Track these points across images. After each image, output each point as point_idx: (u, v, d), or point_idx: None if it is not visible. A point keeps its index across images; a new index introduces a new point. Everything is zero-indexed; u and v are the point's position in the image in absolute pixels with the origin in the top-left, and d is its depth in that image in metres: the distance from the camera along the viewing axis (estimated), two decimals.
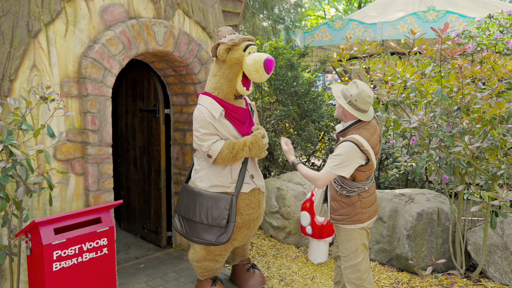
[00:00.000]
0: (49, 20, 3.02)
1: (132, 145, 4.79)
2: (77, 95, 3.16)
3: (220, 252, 3.35)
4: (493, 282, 3.85)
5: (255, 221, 3.38)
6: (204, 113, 3.10)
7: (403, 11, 9.41)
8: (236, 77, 3.15)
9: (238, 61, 3.10)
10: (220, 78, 3.18)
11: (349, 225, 2.86)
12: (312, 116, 6.14)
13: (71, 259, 2.78)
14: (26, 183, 2.48)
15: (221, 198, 3.17)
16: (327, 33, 10.05)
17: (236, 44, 3.10)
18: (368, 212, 2.87)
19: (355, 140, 2.70)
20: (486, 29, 4.98)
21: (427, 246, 3.99)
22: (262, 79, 3.12)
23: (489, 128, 3.37)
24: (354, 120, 2.82)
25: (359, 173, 2.81)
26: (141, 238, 4.83)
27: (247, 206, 3.27)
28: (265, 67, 3.04)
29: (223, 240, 3.15)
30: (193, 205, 3.25)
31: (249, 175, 3.30)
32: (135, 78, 4.58)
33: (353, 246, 2.89)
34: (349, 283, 2.94)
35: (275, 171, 6.41)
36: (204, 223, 3.20)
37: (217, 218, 3.15)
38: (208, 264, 3.39)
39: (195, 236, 3.26)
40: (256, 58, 3.05)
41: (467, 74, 3.32)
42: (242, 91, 3.20)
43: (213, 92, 3.20)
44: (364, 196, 2.86)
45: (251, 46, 3.14)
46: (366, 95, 2.73)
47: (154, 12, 3.62)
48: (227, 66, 3.14)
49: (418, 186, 5.63)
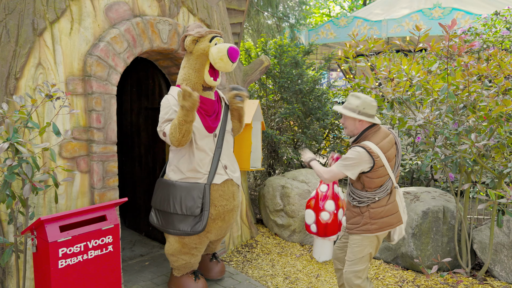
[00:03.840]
0: (54, 18, 3.03)
1: (137, 142, 4.80)
2: (82, 93, 3.17)
3: (195, 245, 3.39)
4: (499, 281, 3.82)
5: (230, 213, 3.42)
6: (170, 100, 3.22)
7: (409, 8, 9.36)
8: (203, 67, 3.26)
9: (204, 51, 3.21)
10: (188, 69, 3.29)
11: (359, 234, 2.88)
12: (316, 114, 6.13)
13: (76, 256, 2.79)
14: (32, 180, 2.49)
15: (194, 187, 3.24)
16: (332, 31, 10.01)
17: (203, 36, 3.23)
18: (378, 223, 2.83)
19: (364, 145, 2.77)
20: (493, 26, 4.93)
21: (433, 244, 3.97)
22: (227, 68, 3.21)
23: (496, 126, 3.35)
24: (364, 129, 2.87)
25: (367, 180, 2.80)
26: (146, 235, 4.84)
27: (221, 197, 3.33)
28: (229, 55, 3.14)
29: (198, 229, 3.22)
30: (167, 197, 3.31)
31: (222, 166, 3.36)
32: (140, 76, 4.58)
33: (360, 252, 2.90)
34: (349, 287, 2.97)
35: (279, 169, 6.40)
36: (179, 213, 3.27)
37: (191, 207, 3.22)
38: (184, 257, 3.43)
39: (171, 228, 3.32)
40: (220, 47, 3.16)
41: (473, 71, 3.30)
42: (210, 82, 3.28)
43: (182, 83, 3.32)
44: (373, 207, 2.83)
45: (217, 38, 3.25)
46: (370, 101, 2.84)
47: (159, 10, 3.62)
48: (194, 57, 3.26)
49: (424, 185, 5.60)
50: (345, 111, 2.85)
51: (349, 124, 2.90)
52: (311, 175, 4.98)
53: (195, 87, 3.28)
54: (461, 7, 8.55)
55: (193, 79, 3.28)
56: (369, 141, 2.79)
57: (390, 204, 2.86)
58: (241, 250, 4.52)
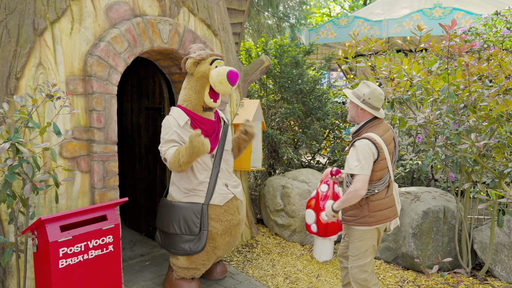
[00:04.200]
0: (55, 18, 3.03)
1: (138, 143, 4.80)
2: (83, 93, 3.17)
3: (203, 261, 3.45)
4: (499, 281, 3.82)
5: (236, 228, 3.47)
6: (171, 121, 3.26)
7: (409, 8, 9.35)
8: (203, 89, 3.33)
9: (204, 73, 3.29)
10: (189, 90, 3.37)
11: (358, 226, 2.88)
12: (317, 114, 6.13)
13: (77, 256, 2.79)
14: (32, 180, 2.50)
15: (192, 207, 3.30)
16: (332, 31, 10.00)
17: (204, 59, 3.31)
18: (377, 216, 2.85)
19: (368, 137, 2.77)
20: (493, 26, 4.93)
21: (433, 244, 3.97)
22: (226, 90, 3.27)
23: (496, 126, 3.34)
24: (367, 120, 2.87)
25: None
26: (147, 235, 4.84)
27: (226, 212, 3.38)
28: (228, 79, 3.21)
29: (198, 248, 3.28)
30: (167, 217, 3.38)
31: (223, 184, 3.40)
32: (140, 76, 4.58)
33: (363, 246, 2.90)
34: (355, 283, 2.95)
35: (279, 169, 6.40)
36: (178, 233, 3.33)
37: (190, 227, 3.28)
38: (189, 271, 3.48)
39: (172, 247, 3.39)
40: (220, 70, 3.24)
41: (474, 71, 3.29)
42: (210, 103, 3.35)
43: (182, 103, 3.39)
44: (372, 199, 2.84)
45: (217, 61, 3.33)
46: (379, 93, 2.82)
47: (159, 9, 3.62)
48: (194, 79, 3.33)
49: (424, 184, 5.60)
50: (351, 96, 2.87)
51: (351, 109, 2.93)
52: (312, 175, 4.98)
53: (195, 108, 3.34)
54: (461, 7, 8.54)
55: (194, 100, 3.33)
56: (372, 132, 2.80)
57: (388, 197, 2.89)
58: (241, 250, 4.52)
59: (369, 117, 2.86)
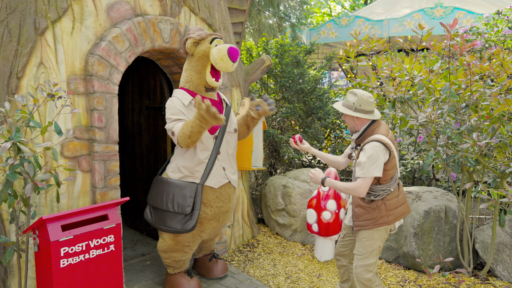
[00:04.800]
0: (56, 18, 3.03)
1: (139, 142, 4.80)
2: (84, 93, 3.17)
3: (188, 243, 3.43)
4: (501, 281, 3.82)
5: (225, 215, 3.48)
6: (175, 101, 3.25)
7: (410, 8, 9.33)
8: (204, 68, 3.30)
9: (205, 52, 3.27)
10: (190, 71, 3.34)
11: (375, 228, 2.87)
12: (318, 113, 6.12)
13: (78, 255, 2.79)
14: (33, 180, 2.49)
15: (187, 186, 3.29)
16: (333, 30, 9.99)
17: (203, 38, 3.29)
18: (394, 214, 2.88)
19: (377, 138, 2.78)
20: (495, 26, 4.92)
21: (435, 244, 3.96)
22: (228, 67, 3.26)
23: (498, 125, 3.34)
24: (366, 125, 2.89)
25: (383, 173, 2.81)
26: (148, 235, 4.84)
27: (217, 199, 3.37)
28: (229, 55, 3.19)
29: (188, 227, 3.26)
30: (161, 194, 3.36)
31: (220, 167, 3.37)
32: (141, 76, 4.58)
33: (371, 246, 2.90)
34: (359, 283, 2.94)
35: (280, 168, 6.40)
36: (170, 210, 3.31)
37: (182, 205, 3.26)
38: (176, 255, 3.46)
39: (162, 224, 3.37)
40: (220, 47, 3.22)
41: (476, 70, 3.29)
42: (212, 82, 3.33)
43: (184, 85, 3.36)
44: (388, 199, 2.86)
45: (217, 39, 3.32)
46: (367, 97, 2.85)
47: (160, 9, 3.61)
48: (195, 59, 3.31)
49: (425, 184, 5.59)
50: (343, 109, 2.89)
51: (349, 121, 2.95)
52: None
53: (198, 88, 3.32)
54: (462, 7, 8.52)
55: (195, 80, 3.32)
56: (377, 134, 2.81)
57: (401, 194, 2.95)
58: (242, 249, 4.52)
59: (367, 122, 2.90)
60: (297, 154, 6.10)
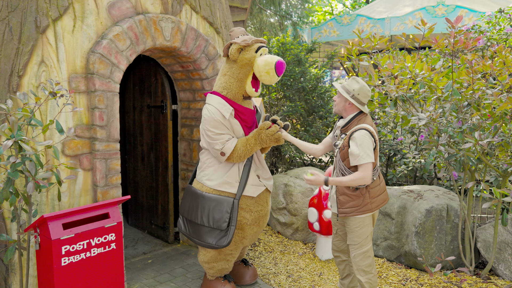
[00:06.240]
0: (57, 16, 3.02)
1: (140, 141, 4.80)
2: (85, 91, 3.17)
3: (231, 251, 3.36)
4: (503, 280, 3.81)
5: (264, 218, 3.42)
6: (214, 113, 3.10)
7: (412, 6, 9.31)
8: (246, 77, 3.16)
9: (249, 61, 3.11)
10: (230, 77, 3.18)
11: (360, 215, 2.94)
12: (319, 112, 6.12)
13: (79, 254, 2.79)
14: (35, 178, 2.49)
15: (223, 201, 3.18)
16: (334, 29, 9.98)
17: (249, 45, 3.11)
18: (377, 201, 2.98)
19: (364, 127, 2.87)
20: (497, 24, 4.90)
21: (436, 243, 3.95)
22: (272, 81, 3.14)
23: (500, 124, 3.33)
24: (354, 113, 2.96)
25: None
26: (149, 233, 4.84)
27: (256, 203, 3.31)
28: (276, 69, 3.06)
29: (223, 243, 3.19)
30: (195, 207, 3.28)
31: (255, 175, 3.30)
32: (143, 74, 4.58)
33: (365, 232, 2.98)
34: (359, 271, 2.99)
35: (282, 167, 6.39)
36: (206, 225, 3.23)
37: (218, 221, 3.17)
38: (219, 264, 3.40)
39: (197, 238, 3.31)
40: (268, 60, 3.06)
41: (478, 69, 3.28)
42: (251, 92, 3.20)
43: (221, 91, 3.20)
44: (371, 187, 2.95)
45: (263, 48, 3.15)
46: (367, 89, 2.94)
47: (161, 7, 3.61)
48: (238, 66, 3.14)
49: (427, 183, 5.58)
50: (341, 90, 2.96)
51: (339, 103, 3.00)
52: None
53: (236, 97, 3.18)
54: (464, 5, 8.50)
55: (234, 88, 3.17)
56: (364, 123, 2.91)
57: (382, 182, 3.06)
58: None
59: (356, 111, 2.97)
60: (299, 153, 6.09)
